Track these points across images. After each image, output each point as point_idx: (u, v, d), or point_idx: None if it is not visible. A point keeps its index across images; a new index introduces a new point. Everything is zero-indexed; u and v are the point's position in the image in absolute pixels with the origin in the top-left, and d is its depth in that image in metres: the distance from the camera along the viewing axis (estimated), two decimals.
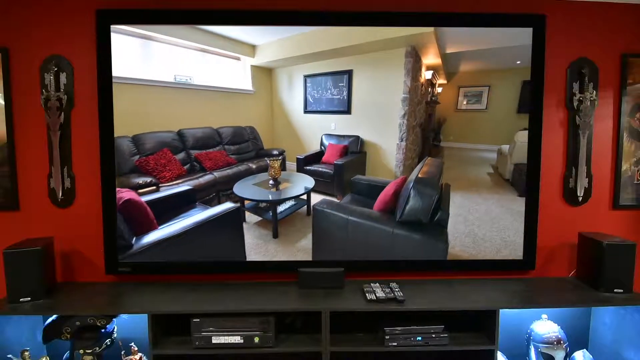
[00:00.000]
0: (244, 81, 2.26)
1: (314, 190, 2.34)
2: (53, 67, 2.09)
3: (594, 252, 2.07)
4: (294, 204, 2.36)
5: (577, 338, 2.21)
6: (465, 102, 2.12)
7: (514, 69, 2.10)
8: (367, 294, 1.97)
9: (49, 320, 1.96)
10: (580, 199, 2.29)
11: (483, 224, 2.22)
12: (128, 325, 2.08)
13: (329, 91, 2.23)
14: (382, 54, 2.16)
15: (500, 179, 2.20)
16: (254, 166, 2.29)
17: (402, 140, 2.20)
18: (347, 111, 2.24)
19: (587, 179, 2.27)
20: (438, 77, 2.18)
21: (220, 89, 2.23)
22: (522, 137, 2.11)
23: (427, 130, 2.20)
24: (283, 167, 2.32)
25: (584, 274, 2.19)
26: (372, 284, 2.10)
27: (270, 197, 2.28)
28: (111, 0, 2.07)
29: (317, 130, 2.28)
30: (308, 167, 2.34)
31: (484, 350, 1.91)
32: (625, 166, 2.29)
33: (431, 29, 2.11)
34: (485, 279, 2.25)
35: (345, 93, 2.22)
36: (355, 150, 2.30)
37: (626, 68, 2.24)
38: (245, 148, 2.32)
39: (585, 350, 2.12)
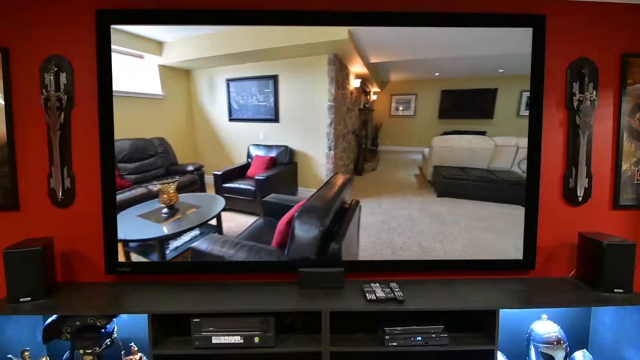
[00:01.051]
0: (150, 84, 1.95)
1: (235, 210, 2.12)
2: (53, 67, 2.09)
3: (594, 252, 2.07)
4: (200, 234, 1.99)
5: (577, 338, 2.20)
6: (400, 109, 2.17)
7: (434, 80, 2.16)
8: (367, 294, 1.97)
9: (49, 320, 1.96)
10: (580, 199, 2.29)
11: (404, 230, 2.21)
12: (128, 325, 2.08)
13: (254, 97, 2.09)
14: (307, 59, 2.09)
15: (424, 180, 2.23)
16: (155, 188, 1.93)
17: (330, 150, 2.14)
18: (275, 119, 2.12)
19: (587, 179, 2.27)
20: (371, 85, 2.17)
21: (115, 93, 1.95)
22: (438, 142, 2.18)
23: (361, 137, 2.18)
24: (201, 185, 2.00)
25: (584, 274, 2.19)
26: (372, 284, 2.10)
27: (164, 231, 1.84)
28: (111, 0, 2.07)
29: (244, 141, 2.11)
30: (228, 185, 2.10)
31: (484, 350, 1.91)
32: (625, 166, 2.29)
33: (346, 35, 2.08)
34: (485, 279, 2.25)
35: (271, 100, 2.10)
36: (284, 162, 2.14)
37: (626, 68, 2.24)
38: (150, 165, 1.98)
39: (585, 350, 2.12)
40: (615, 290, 2.00)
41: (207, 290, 2.08)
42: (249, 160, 2.14)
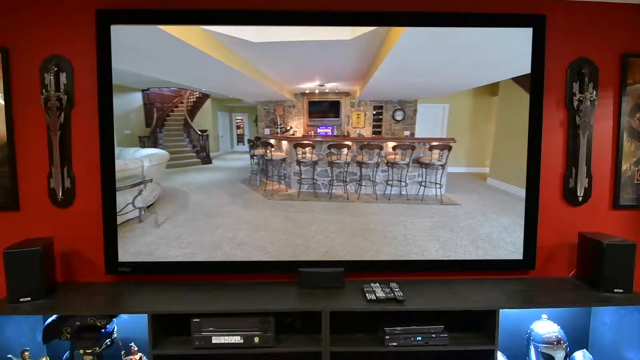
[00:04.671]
0: None
1: None
2: (53, 67, 2.09)
3: (594, 252, 2.07)
4: None
5: (577, 338, 2.20)
6: None
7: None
8: (367, 294, 1.97)
9: (49, 320, 1.96)
10: (580, 199, 2.29)
11: None
12: (128, 325, 2.08)
13: None
14: None
15: None
16: None
17: None
18: None
19: (587, 179, 2.27)
20: None
21: None
22: None
23: None
24: None
25: (584, 274, 2.19)
26: (372, 284, 2.10)
27: None
28: (111, 0, 2.07)
29: None
30: None
31: (484, 350, 1.91)
32: (625, 166, 2.29)
33: None
34: (485, 279, 2.25)
35: None
36: None
37: (626, 68, 2.24)
38: None
39: (585, 350, 2.12)
40: (615, 290, 2.00)
41: (207, 290, 2.08)
42: None
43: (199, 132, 2.04)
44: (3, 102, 2.12)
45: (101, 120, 2.09)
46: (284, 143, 2.27)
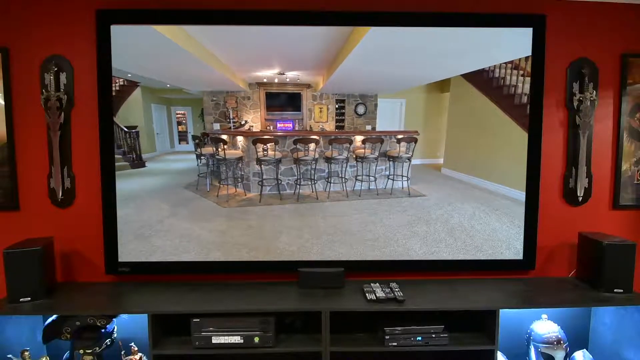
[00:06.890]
0: None
1: None
2: (53, 67, 2.09)
3: (594, 252, 2.07)
4: None
5: (577, 338, 2.20)
6: None
7: None
8: (367, 294, 1.97)
9: (49, 320, 1.96)
10: (580, 199, 2.29)
11: None
12: (128, 325, 2.08)
13: None
14: None
15: None
16: None
17: None
18: None
19: (587, 179, 2.27)
20: None
21: None
22: None
23: None
24: None
25: (584, 274, 2.19)
26: (372, 284, 2.10)
27: None
28: (111, 0, 2.07)
29: None
30: None
31: (484, 350, 1.91)
32: (625, 166, 2.29)
33: None
34: (485, 279, 2.25)
35: None
36: None
37: (626, 68, 2.24)
38: None
39: (585, 350, 2.12)
40: (615, 290, 2.00)
41: (207, 290, 2.08)
42: None
43: (125, 129, 1.70)
44: (3, 102, 2.12)
45: (101, 120, 2.09)
46: (240, 139, 2.01)
